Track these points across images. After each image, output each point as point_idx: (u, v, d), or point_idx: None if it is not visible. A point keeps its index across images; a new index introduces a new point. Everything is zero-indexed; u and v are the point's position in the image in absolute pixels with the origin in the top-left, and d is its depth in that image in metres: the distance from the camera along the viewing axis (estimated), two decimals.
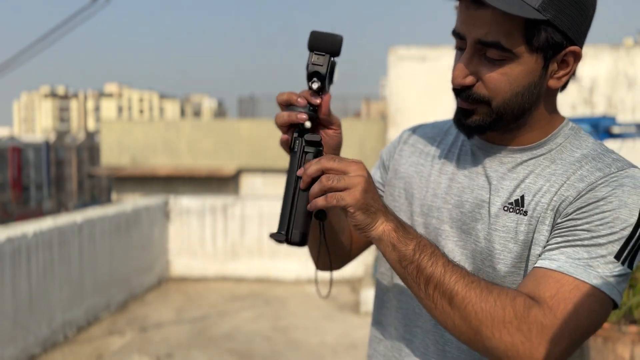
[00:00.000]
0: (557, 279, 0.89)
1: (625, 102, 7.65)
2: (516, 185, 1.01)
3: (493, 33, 0.93)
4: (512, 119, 1.00)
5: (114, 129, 19.11)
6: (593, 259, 0.89)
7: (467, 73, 0.97)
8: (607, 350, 3.08)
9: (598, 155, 0.99)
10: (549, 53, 0.95)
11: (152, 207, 7.29)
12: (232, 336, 5.32)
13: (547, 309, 0.86)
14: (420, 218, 1.11)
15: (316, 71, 0.97)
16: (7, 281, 4.44)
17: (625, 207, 0.91)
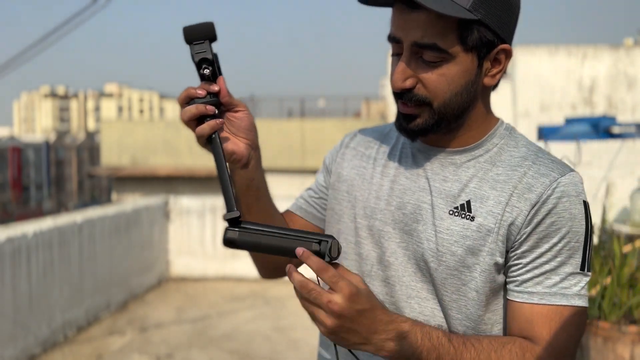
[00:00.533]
0: (544, 314, 0.98)
1: (625, 102, 7.65)
2: (460, 189, 1.03)
3: (429, 35, 0.95)
4: (453, 119, 1.02)
5: (114, 129, 19.12)
6: (564, 280, 0.98)
7: (406, 76, 0.99)
8: (607, 350, 3.08)
9: (537, 158, 1.03)
10: (482, 51, 0.98)
11: (152, 207, 7.29)
12: (232, 336, 5.32)
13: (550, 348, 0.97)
14: (363, 220, 1.12)
15: (203, 58, 1.00)
16: (7, 281, 4.44)
17: (575, 219, 0.98)
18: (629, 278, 3.22)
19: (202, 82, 1.02)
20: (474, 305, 1.02)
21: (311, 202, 1.24)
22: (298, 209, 1.25)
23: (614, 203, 4.86)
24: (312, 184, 1.28)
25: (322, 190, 1.24)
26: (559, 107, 7.61)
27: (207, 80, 1.02)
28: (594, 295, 3.22)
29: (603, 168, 4.92)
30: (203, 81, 1.02)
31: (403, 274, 1.06)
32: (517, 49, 7.69)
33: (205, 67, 1.01)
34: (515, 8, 1.00)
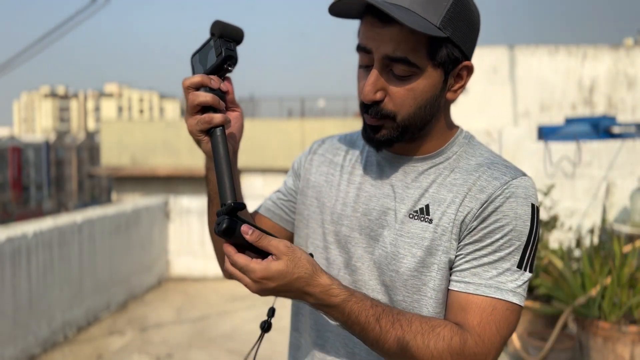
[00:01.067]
0: (477, 304, 1.01)
1: (625, 102, 7.65)
2: (420, 194, 1.08)
3: (401, 49, 0.98)
4: (416, 131, 1.06)
5: (114, 129, 19.11)
6: (501, 274, 1.01)
7: (377, 88, 1.02)
8: (607, 350, 3.08)
9: (492, 164, 1.07)
10: (448, 67, 1.03)
11: (152, 207, 7.29)
12: (232, 336, 5.32)
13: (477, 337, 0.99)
14: (331, 226, 1.16)
15: (231, 55, 1.01)
16: (7, 281, 4.44)
17: (519, 219, 1.02)
18: (629, 278, 3.22)
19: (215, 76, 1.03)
20: (432, 304, 1.05)
21: (279, 205, 1.28)
22: (266, 211, 1.29)
23: (614, 203, 4.86)
24: (280, 187, 1.31)
25: (291, 193, 1.27)
26: (559, 107, 7.61)
27: (222, 77, 1.04)
28: (594, 295, 3.22)
29: (603, 168, 4.92)
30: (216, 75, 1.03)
31: (369, 278, 1.10)
32: (517, 49, 7.69)
33: (230, 65, 1.03)
34: (477, 26, 1.06)
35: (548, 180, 4.88)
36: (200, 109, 1.02)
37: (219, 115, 1.01)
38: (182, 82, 1.02)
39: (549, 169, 4.96)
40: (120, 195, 17.95)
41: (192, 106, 1.01)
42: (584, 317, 3.23)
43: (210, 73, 1.03)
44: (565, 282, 3.47)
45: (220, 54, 1.01)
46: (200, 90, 1.01)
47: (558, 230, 4.54)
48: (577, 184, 4.95)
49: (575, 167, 4.94)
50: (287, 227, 1.28)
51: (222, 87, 1.03)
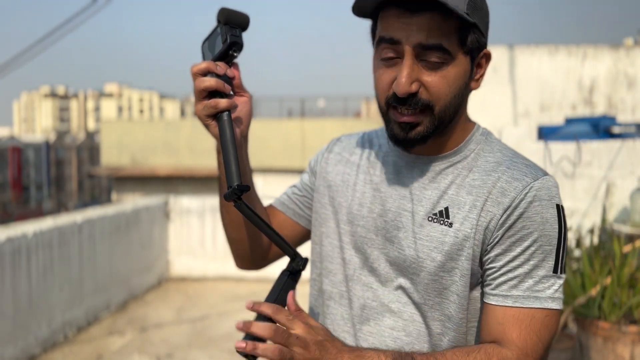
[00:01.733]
0: (515, 317, 0.98)
1: (625, 102, 7.65)
2: (439, 196, 1.05)
3: (434, 36, 0.96)
4: (447, 123, 1.03)
5: (114, 129, 19.11)
6: (537, 283, 1.00)
7: (413, 79, 0.98)
8: (607, 350, 3.08)
9: (512, 163, 1.04)
10: (475, 54, 1.02)
11: (152, 207, 7.29)
12: (232, 336, 5.32)
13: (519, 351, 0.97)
14: (347, 226, 1.15)
15: (236, 41, 1.03)
16: (7, 281, 4.44)
17: (547, 223, 0.99)
18: (629, 278, 3.22)
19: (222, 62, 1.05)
20: (455, 308, 1.04)
21: (294, 199, 1.29)
22: (280, 205, 1.30)
23: (614, 203, 4.86)
24: (296, 182, 1.32)
25: (307, 189, 1.28)
26: (559, 107, 7.61)
27: (229, 63, 1.05)
28: (594, 295, 3.22)
29: (603, 168, 4.92)
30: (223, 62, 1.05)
31: (385, 280, 1.09)
32: (517, 49, 7.69)
33: (235, 50, 1.04)
34: (488, 15, 1.06)
35: None
36: (207, 94, 1.03)
37: (224, 100, 1.02)
38: (190, 69, 1.03)
39: (549, 169, 4.95)
40: (120, 195, 17.95)
41: (199, 91, 1.03)
42: (584, 317, 3.23)
43: (218, 59, 1.05)
44: (565, 282, 3.47)
45: (225, 40, 1.02)
46: (207, 76, 1.03)
47: None
48: (577, 184, 4.95)
49: (575, 167, 4.94)
50: (300, 222, 1.28)
51: (229, 72, 1.04)
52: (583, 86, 7.68)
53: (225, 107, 1.02)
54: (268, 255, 1.30)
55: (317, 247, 1.22)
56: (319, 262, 1.21)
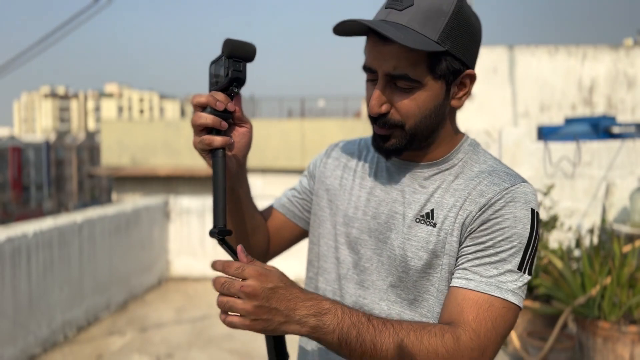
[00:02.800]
0: (474, 300, 1.02)
1: (625, 102, 7.65)
2: (426, 199, 1.12)
3: (401, 66, 1.03)
4: (424, 138, 1.11)
5: (114, 129, 19.11)
6: (501, 274, 1.03)
7: (381, 102, 1.07)
8: (607, 350, 3.08)
9: (494, 171, 1.11)
10: (450, 78, 1.07)
11: (152, 207, 7.29)
12: (232, 336, 5.32)
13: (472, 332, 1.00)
14: (342, 228, 1.22)
15: (238, 77, 1.03)
16: (7, 281, 4.44)
17: (519, 222, 1.04)
18: (629, 278, 3.22)
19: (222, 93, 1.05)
20: (437, 305, 1.10)
21: (294, 201, 1.36)
22: (281, 207, 1.37)
23: (613, 203, 4.86)
24: (295, 185, 1.38)
25: (306, 192, 1.35)
26: (559, 107, 7.61)
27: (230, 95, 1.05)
28: (594, 295, 3.22)
29: (603, 168, 4.92)
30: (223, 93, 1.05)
31: (377, 279, 1.15)
32: (517, 49, 7.69)
33: (236, 86, 1.04)
34: (477, 36, 1.10)
35: (548, 180, 4.88)
36: (204, 128, 1.05)
37: (219, 139, 1.04)
38: (191, 99, 1.05)
39: (549, 169, 4.96)
40: (120, 195, 17.95)
41: (195, 126, 1.05)
42: (584, 317, 3.23)
43: (220, 90, 1.05)
44: (565, 282, 3.47)
45: (227, 74, 1.03)
46: (206, 110, 1.04)
47: (558, 230, 4.54)
48: (577, 184, 4.95)
49: (575, 167, 4.94)
50: (299, 224, 1.35)
51: (229, 106, 1.05)
52: (583, 86, 7.68)
53: (219, 146, 1.04)
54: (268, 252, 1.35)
55: (314, 247, 1.29)
56: (316, 262, 1.28)
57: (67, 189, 65.28)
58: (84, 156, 65.52)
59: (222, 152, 1.04)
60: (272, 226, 1.34)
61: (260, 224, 1.29)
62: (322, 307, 0.95)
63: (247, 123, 1.13)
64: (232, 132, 1.12)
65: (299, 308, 0.94)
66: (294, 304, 0.94)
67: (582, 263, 3.57)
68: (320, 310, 0.95)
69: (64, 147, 65.81)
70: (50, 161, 62.64)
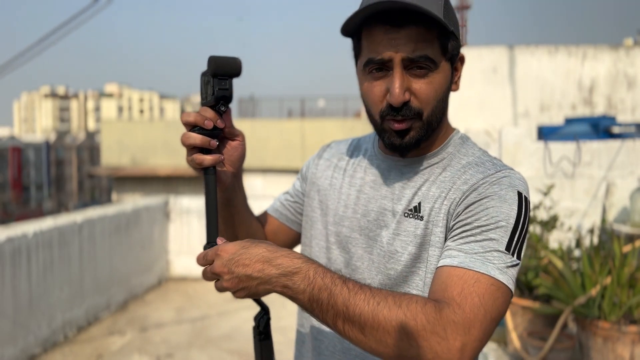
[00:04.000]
0: (459, 276, 0.95)
1: (625, 102, 7.65)
2: (414, 193, 1.11)
3: (419, 48, 1.01)
4: (436, 126, 1.09)
5: (114, 129, 19.11)
6: (487, 252, 0.97)
7: (404, 89, 1.03)
8: (607, 350, 3.08)
9: (481, 162, 1.10)
10: (455, 59, 1.08)
11: (152, 207, 7.29)
12: (232, 336, 5.32)
13: (456, 306, 0.91)
14: (333, 227, 1.21)
15: (224, 96, 1.03)
16: (7, 281, 4.44)
17: (505, 202, 1.01)
18: (629, 278, 3.22)
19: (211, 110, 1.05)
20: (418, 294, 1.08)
21: (287, 205, 1.36)
22: (274, 211, 1.37)
23: (614, 203, 4.86)
24: (289, 189, 1.39)
25: (298, 195, 1.35)
26: (559, 107, 7.61)
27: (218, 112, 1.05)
28: (594, 295, 3.22)
29: (603, 168, 4.92)
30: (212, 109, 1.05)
31: (369, 276, 1.14)
32: (517, 49, 7.69)
33: (222, 104, 1.04)
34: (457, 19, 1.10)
35: (548, 180, 4.88)
36: (194, 147, 1.05)
37: (209, 158, 1.05)
38: (180, 117, 1.06)
39: (549, 169, 4.96)
40: (120, 195, 17.95)
41: (185, 146, 1.06)
42: (584, 317, 3.23)
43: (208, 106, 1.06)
44: (565, 282, 3.47)
45: (213, 94, 1.03)
46: (195, 129, 1.04)
47: (558, 230, 4.54)
48: (577, 184, 4.95)
49: (575, 167, 4.94)
50: (292, 227, 1.35)
51: (218, 123, 1.05)
52: (583, 86, 7.68)
53: (209, 165, 1.05)
54: None
55: (307, 248, 1.29)
56: None
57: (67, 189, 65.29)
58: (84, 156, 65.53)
59: (212, 170, 1.05)
60: (268, 231, 1.35)
61: (257, 230, 1.30)
62: (292, 267, 0.93)
63: (238, 135, 1.13)
64: (224, 147, 1.12)
65: (266, 269, 0.93)
66: (261, 266, 0.93)
67: (582, 263, 3.57)
68: (290, 270, 0.93)
69: (64, 147, 65.82)
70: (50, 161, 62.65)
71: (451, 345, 0.88)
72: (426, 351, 0.89)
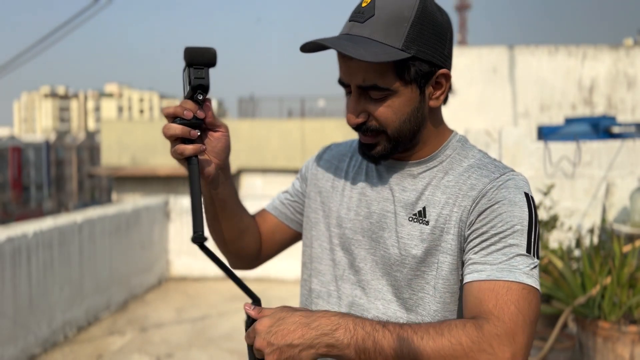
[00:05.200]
0: (491, 289, 0.98)
1: (625, 102, 7.65)
2: (417, 197, 1.13)
3: (369, 78, 1.05)
4: (408, 141, 1.12)
5: (114, 129, 19.12)
6: (511, 258, 1.00)
7: (358, 112, 1.10)
8: (607, 350, 3.08)
9: (482, 164, 1.11)
10: (421, 82, 1.08)
11: (152, 207, 7.29)
12: (232, 336, 5.32)
13: (495, 320, 0.94)
14: (336, 229, 1.23)
15: (201, 84, 1.04)
16: (7, 281, 4.44)
17: (516, 206, 1.03)
18: (629, 278, 3.22)
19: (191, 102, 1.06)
20: (434, 302, 1.09)
21: (286, 204, 1.37)
22: (273, 209, 1.38)
23: (613, 203, 4.86)
24: (288, 188, 1.40)
25: (298, 195, 1.36)
26: (559, 107, 7.61)
27: (197, 104, 1.07)
28: (594, 295, 3.22)
29: (603, 168, 4.92)
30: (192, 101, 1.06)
31: (372, 278, 1.16)
32: (517, 49, 7.69)
33: (200, 93, 1.05)
34: (446, 34, 1.09)
35: (548, 180, 4.88)
36: (177, 138, 1.06)
37: (189, 148, 1.05)
38: (161, 110, 1.08)
39: (549, 169, 4.96)
40: (120, 195, 17.95)
41: (166, 137, 1.06)
42: (584, 317, 3.24)
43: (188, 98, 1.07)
44: (565, 282, 3.47)
45: (189, 83, 1.04)
46: (176, 120, 1.05)
47: (558, 230, 4.54)
48: (577, 184, 4.95)
49: (575, 167, 4.94)
50: (291, 225, 1.37)
51: (198, 114, 1.06)
52: (583, 86, 7.68)
53: (190, 154, 1.05)
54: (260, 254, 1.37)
55: (307, 249, 1.29)
56: (309, 264, 1.29)
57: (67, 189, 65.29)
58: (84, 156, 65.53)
59: (195, 160, 1.06)
60: (264, 229, 1.36)
61: (250, 226, 1.31)
62: (331, 325, 0.94)
63: (221, 127, 1.13)
64: (206, 138, 1.12)
65: (307, 333, 0.94)
66: (301, 332, 0.94)
67: (582, 263, 3.57)
68: (331, 328, 0.94)
69: (64, 147, 65.82)
70: (50, 161, 62.65)
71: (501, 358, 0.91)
72: None
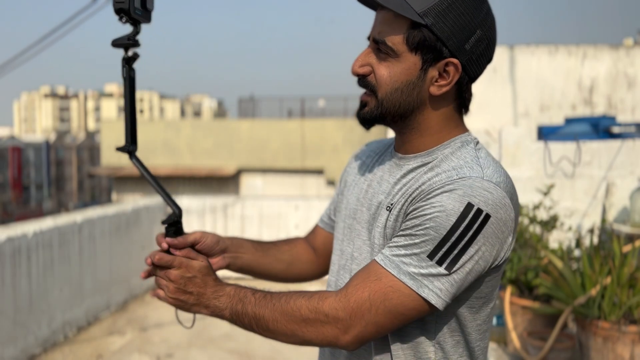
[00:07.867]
0: (369, 270, 1.04)
1: (625, 102, 7.65)
2: (399, 189, 1.14)
3: (383, 32, 1.08)
4: (396, 116, 1.12)
5: (114, 129, 19.10)
6: (407, 256, 1.01)
7: (363, 64, 1.12)
8: (607, 350, 3.08)
9: (459, 167, 1.06)
10: (427, 56, 1.06)
11: (152, 207, 7.30)
12: (232, 336, 5.32)
13: (343, 296, 1.03)
14: (348, 220, 1.27)
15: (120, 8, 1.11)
16: (7, 281, 4.44)
17: (444, 212, 0.99)
18: (629, 278, 3.22)
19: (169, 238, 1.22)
20: None
21: (330, 215, 1.42)
22: (320, 222, 1.45)
23: (613, 203, 4.86)
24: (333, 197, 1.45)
25: (334, 201, 1.41)
26: (559, 107, 7.61)
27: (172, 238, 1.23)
28: (593, 295, 3.22)
29: (603, 168, 4.92)
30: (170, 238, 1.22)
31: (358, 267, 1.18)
32: (517, 49, 7.69)
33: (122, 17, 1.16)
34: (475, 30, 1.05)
35: (548, 180, 4.88)
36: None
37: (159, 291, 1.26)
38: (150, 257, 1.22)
39: (549, 169, 4.96)
40: (120, 195, 17.95)
41: None
42: (584, 317, 3.23)
43: None
44: (565, 282, 3.47)
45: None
46: None
47: (558, 230, 4.54)
48: (577, 184, 4.95)
49: (575, 167, 4.94)
50: None
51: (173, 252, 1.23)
52: (583, 86, 7.68)
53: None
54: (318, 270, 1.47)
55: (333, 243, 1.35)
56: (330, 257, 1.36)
57: (67, 189, 65.28)
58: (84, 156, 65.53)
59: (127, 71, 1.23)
60: (318, 243, 1.43)
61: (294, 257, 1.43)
62: (222, 291, 1.15)
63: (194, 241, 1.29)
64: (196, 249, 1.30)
65: (207, 293, 1.17)
66: (204, 290, 1.17)
67: (582, 263, 3.57)
68: (221, 294, 1.15)
69: (64, 147, 65.82)
70: (50, 161, 62.65)
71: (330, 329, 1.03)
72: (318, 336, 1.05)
